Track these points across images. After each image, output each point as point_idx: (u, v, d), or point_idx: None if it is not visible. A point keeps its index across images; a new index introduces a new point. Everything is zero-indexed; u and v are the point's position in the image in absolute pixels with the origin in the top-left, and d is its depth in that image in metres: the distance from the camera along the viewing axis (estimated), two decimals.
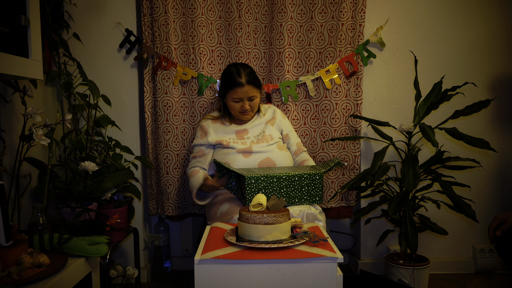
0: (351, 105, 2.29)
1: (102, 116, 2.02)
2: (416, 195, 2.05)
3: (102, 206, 1.83)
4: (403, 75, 2.34)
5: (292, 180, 1.66)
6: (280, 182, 1.65)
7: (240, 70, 1.90)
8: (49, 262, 1.24)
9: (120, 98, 2.25)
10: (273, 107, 2.10)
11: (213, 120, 2.01)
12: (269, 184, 1.64)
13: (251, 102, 1.92)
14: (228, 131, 1.96)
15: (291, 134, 2.06)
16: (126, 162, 2.07)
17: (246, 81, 1.87)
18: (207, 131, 1.98)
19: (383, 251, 2.43)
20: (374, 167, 1.86)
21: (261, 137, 1.95)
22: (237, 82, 1.87)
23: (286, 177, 1.65)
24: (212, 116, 2.04)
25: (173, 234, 2.53)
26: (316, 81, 2.26)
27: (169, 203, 2.27)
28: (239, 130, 1.97)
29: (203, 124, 2.01)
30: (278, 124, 2.04)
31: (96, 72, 2.22)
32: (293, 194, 1.68)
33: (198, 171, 1.90)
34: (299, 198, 1.69)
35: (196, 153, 1.98)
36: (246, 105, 1.90)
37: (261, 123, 2.01)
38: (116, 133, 2.23)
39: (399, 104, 2.36)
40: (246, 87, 1.87)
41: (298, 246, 1.22)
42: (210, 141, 1.94)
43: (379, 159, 1.88)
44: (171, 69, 2.20)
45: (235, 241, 1.24)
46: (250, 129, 1.97)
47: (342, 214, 2.38)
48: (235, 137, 1.94)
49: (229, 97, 1.91)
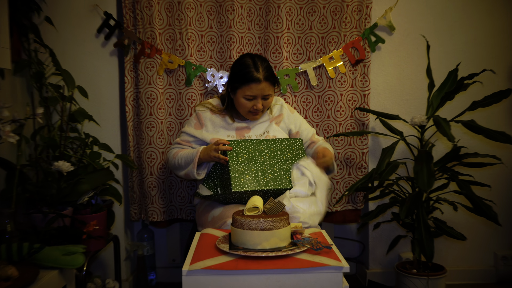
0: (358, 96, 2.28)
1: (78, 109, 2.00)
2: (430, 196, 2.05)
3: (78, 211, 1.82)
4: (415, 63, 2.34)
5: (272, 143, 1.77)
6: (260, 144, 1.76)
7: (257, 63, 1.80)
8: (18, 275, 1.23)
9: (98, 89, 2.24)
10: (280, 101, 2.04)
11: (212, 111, 1.95)
12: (250, 146, 1.75)
13: (265, 101, 1.85)
14: (227, 127, 1.92)
15: (303, 129, 2.01)
16: (105, 162, 2.06)
17: (264, 77, 1.79)
18: (204, 123, 1.93)
19: (394, 259, 2.43)
20: (382, 165, 1.86)
21: (263, 137, 1.92)
22: (254, 77, 1.78)
23: (265, 143, 1.77)
24: (212, 106, 1.96)
25: (159, 242, 2.53)
26: (318, 69, 2.26)
27: (154, 207, 2.26)
28: (240, 127, 1.93)
29: (201, 112, 1.94)
30: (286, 121, 1.99)
31: (71, 61, 2.20)
32: (275, 157, 1.74)
33: (185, 148, 1.90)
34: (282, 161, 1.74)
35: (183, 140, 1.94)
36: (259, 105, 1.83)
37: (265, 121, 1.96)
38: (93, 129, 2.21)
39: (410, 95, 2.36)
40: (263, 84, 1.79)
41: (299, 254, 1.22)
42: (205, 137, 1.89)
43: (387, 156, 1.88)
44: (155, 56, 2.19)
45: (228, 249, 1.23)
46: (252, 127, 1.93)
47: (348, 219, 2.38)
48: (234, 134, 1.91)
49: (240, 93, 1.83)
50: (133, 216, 2.32)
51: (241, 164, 1.71)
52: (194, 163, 1.81)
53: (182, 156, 1.86)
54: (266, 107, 1.89)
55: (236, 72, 1.85)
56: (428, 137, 2.12)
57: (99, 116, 2.23)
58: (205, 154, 1.79)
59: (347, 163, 2.32)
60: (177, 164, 1.88)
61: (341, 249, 2.53)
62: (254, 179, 1.69)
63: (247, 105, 1.84)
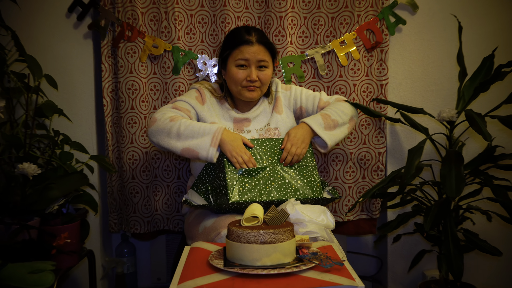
0: (374, 86, 2.28)
1: (46, 102, 2.00)
2: (460, 204, 2.05)
3: (46, 221, 1.81)
4: (442, 47, 2.34)
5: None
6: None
7: (249, 28, 1.87)
8: None
9: (70, 79, 2.24)
10: (276, 81, 2.03)
11: (212, 94, 1.95)
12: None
13: (261, 72, 1.85)
14: (225, 116, 1.92)
15: (305, 101, 1.97)
16: (79, 164, 2.06)
17: (257, 39, 1.83)
18: (206, 100, 1.92)
19: (417, 277, 2.43)
20: (411, 168, 1.83)
21: (264, 131, 1.92)
22: (244, 38, 1.82)
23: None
24: (211, 87, 1.97)
25: (141, 257, 2.53)
26: (328, 56, 2.26)
27: (136, 217, 2.26)
28: (239, 118, 1.93)
29: (203, 88, 1.94)
30: (286, 104, 1.98)
31: (37, 45, 2.20)
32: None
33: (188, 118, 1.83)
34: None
35: (181, 108, 1.84)
36: (253, 75, 1.82)
37: (267, 111, 1.97)
38: (64, 125, 2.21)
39: (436, 85, 2.36)
40: (255, 47, 1.82)
41: (305, 272, 1.22)
42: (205, 117, 1.86)
43: (416, 157, 1.86)
44: (137, 40, 2.18)
45: (223, 266, 1.23)
46: (253, 119, 1.94)
47: (362, 230, 2.38)
48: (232, 126, 1.91)
49: (231, 62, 1.85)
50: (112, 227, 2.31)
51: (239, 170, 1.71)
52: (214, 139, 1.69)
53: (189, 124, 1.74)
54: (264, 80, 1.87)
55: (225, 41, 1.90)
56: (458, 135, 2.11)
57: (71, 110, 2.23)
58: (227, 142, 1.72)
59: (361, 164, 2.32)
60: (179, 131, 1.73)
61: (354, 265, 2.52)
62: (254, 188, 1.69)
63: (240, 75, 1.83)
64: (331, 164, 2.33)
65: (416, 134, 2.35)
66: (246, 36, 1.83)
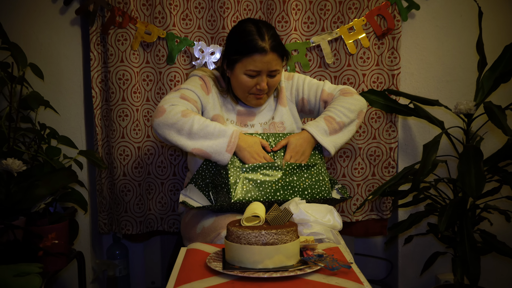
0: (385, 76, 2.29)
1: (31, 93, 2.00)
2: (476, 203, 2.05)
3: (32, 221, 1.82)
4: (459, 34, 2.34)
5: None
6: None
7: (262, 29, 1.77)
8: None
9: (57, 68, 2.24)
10: (296, 77, 2.01)
11: (215, 83, 1.91)
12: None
13: (271, 79, 1.82)
14: (228, 109, 1.91)
15: (307, 91, 1.95)
16: (67, 159, 2.07)
17: (271, 47, 1.75)
18: (211, 89, 1.88)
19: (430, 282, 2.44)
20: (427, 164, 1.83)
21: (268, 126, 1.92)
22: (258, 46, 1.74)
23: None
24: (214, 76, 1.93)
25: (134, 260, 2.54)
26: (335, 43, 2.26)
27: (128, 217, 2.27)
28: (243, 111, 1.91)
29: (206, 78, 1.89)
30: (288, 96, 1.96)
31: (21, 32, 2.20)
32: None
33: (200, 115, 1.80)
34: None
35: (189, 98, 1.80)
36: (264, 83, 1.79)
37: (272, 104, 1.96)
38: (51, 118, 2.22)
39: (452, 75, 2.36)
40: (269, 56, 1.76)
41: (310, 275, 1.22)
42: (209, 109, 1.84)
43: (433, 152, 1.86)
44: (128, 26, 2.19)
45: (222, 269, 1.23)
46: (258, 113, 1.93)
47: (372, 231, 2.39)
48: (235, 119, 1.90)
49: (240, 68, 1.79)
50: (102, 227, 2.32)
51: (242, 167, 1.71)
52: (231, 143, 1.69)
53: (203, 123, 1.72)
54: (272, 87, 1.86)
55: (234, 41, 1.81)
56: (476, 129, 2.12)
57: (58, 102, 2.23)
58: (244, 148, 1.72)
59: (370, 160, 2.33)
60: (192, 129, 1.70)
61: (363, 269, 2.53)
62: (259, 186, 1.69)
63: (249, 83, 1.81)
64: (339, 160, 2.33)
65: (430, 127, 2.35)
66: (259, 43, 1.74)
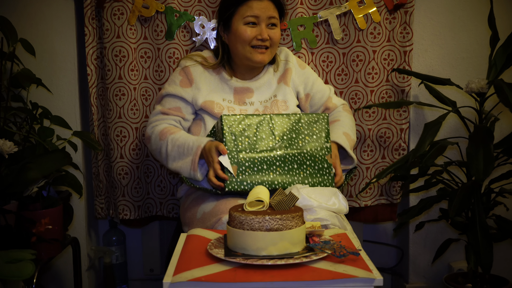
0: (396, 53, 2.27)
1: (22, 71, 2.00)
2: (491, 187, 2.05)
3: (25, 205, 1.83)
4: (476, 8, 2.31)
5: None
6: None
7: None
8: None
9: (50, 44, 2.23)
10: (285, 51, 2.08)
11: (204, 65, 1.97)
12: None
13: (271, 31, 1.89)
14: (224, 88, 1.94)
15: (315, 91, 2.03)
16: (60, 141, 2.07)
17: None
18: (194, 79, 1.93)
19: (443, 270, 2.45)
20: (422, 146, 1.85)
21: (270, 103, 1.94)
22: None
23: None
24: (203, 58, 1.99)
25: (132, 246, 2.55)
26: (344, 18, 2.24)
27: (125, 201, 2.28)
28: (240, 88, 1.95)
29: (189, 66, 1.95)
30: (295, 81, 2.01)
31: (11, 5, 2.19)
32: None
33: (178, 129, 1.89)
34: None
35: (169, 108, 1.93)
36: (265, 32, 1.86)
37: (272, 81, 1.99)
38: (44, 97, 2.21)
39: (468, 52, 2.34)
40: (265, 2, 1.87)
41: (316, 262, 1.22)
42: (196, 99, 1.90)
43: (431, 135, 1.87)
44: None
45: (224, 256, 1.23)
46: (256, 90, 1.96)
47: (381, 216, 2.39)
48: (232, 98, 1.93)
49: (237, 20, 1.88)
50: (98, 212, 2.33)
51: (240, 152, 1.71)
52: (193, 162, 1.78)
53: (176, 141, 1.84)
54: (275, 40, 1.91)
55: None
56: (489, 109, 2.10)
57: (50, 80, 2.23)
58: (206, 154, 1.78)
59: (380, 143, 2.32)
60: (167, 151, 1.85)
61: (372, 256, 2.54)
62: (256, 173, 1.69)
63: (249, 33, 1.87)
64: None
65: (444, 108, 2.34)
66: None
